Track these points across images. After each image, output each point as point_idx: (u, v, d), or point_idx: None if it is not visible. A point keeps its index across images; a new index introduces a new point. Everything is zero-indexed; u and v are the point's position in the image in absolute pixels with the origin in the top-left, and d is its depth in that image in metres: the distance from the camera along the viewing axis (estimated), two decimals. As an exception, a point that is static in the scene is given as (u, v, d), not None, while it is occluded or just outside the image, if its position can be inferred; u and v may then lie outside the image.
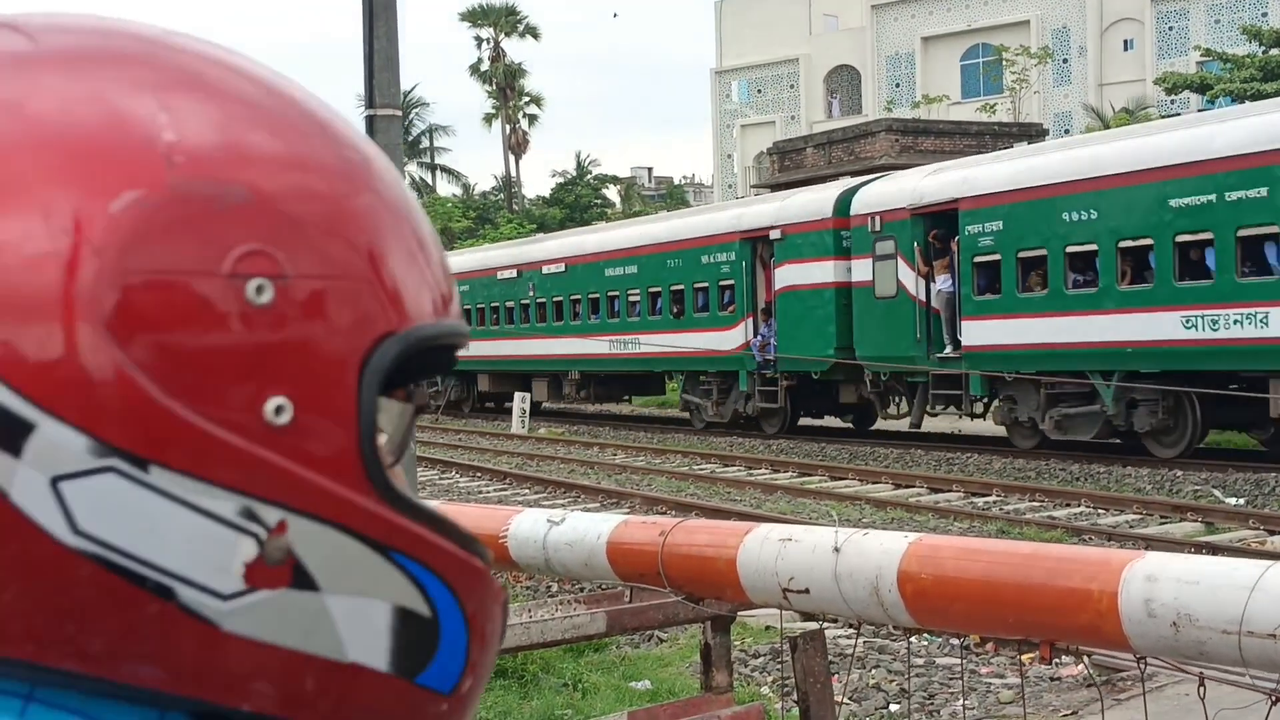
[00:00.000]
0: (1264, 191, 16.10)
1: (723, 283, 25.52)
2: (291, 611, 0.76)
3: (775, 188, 42.33)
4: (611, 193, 72.35)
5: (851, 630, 6.59)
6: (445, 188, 75.37)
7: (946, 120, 45.85)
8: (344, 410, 0.77)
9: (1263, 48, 41.33)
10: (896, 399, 22.63)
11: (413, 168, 74.49)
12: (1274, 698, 2.30)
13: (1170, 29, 60.00)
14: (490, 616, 0.85)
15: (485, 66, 68.56)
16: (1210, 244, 16.93)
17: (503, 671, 7.39)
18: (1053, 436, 19.53)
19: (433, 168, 76.18)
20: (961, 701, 7.28)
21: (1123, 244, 17.96)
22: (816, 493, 17.09)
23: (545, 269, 31.10)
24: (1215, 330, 16.70)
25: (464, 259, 35.25)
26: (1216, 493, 15.95)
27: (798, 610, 3.25)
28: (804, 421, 25.62)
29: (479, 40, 68.72)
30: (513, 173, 70.87)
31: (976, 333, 19.94)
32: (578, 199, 66.16)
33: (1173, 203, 17.18)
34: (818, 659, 4.03)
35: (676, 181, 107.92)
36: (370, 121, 7.06)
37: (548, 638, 4.90)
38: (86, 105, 0.75)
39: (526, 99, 69.42)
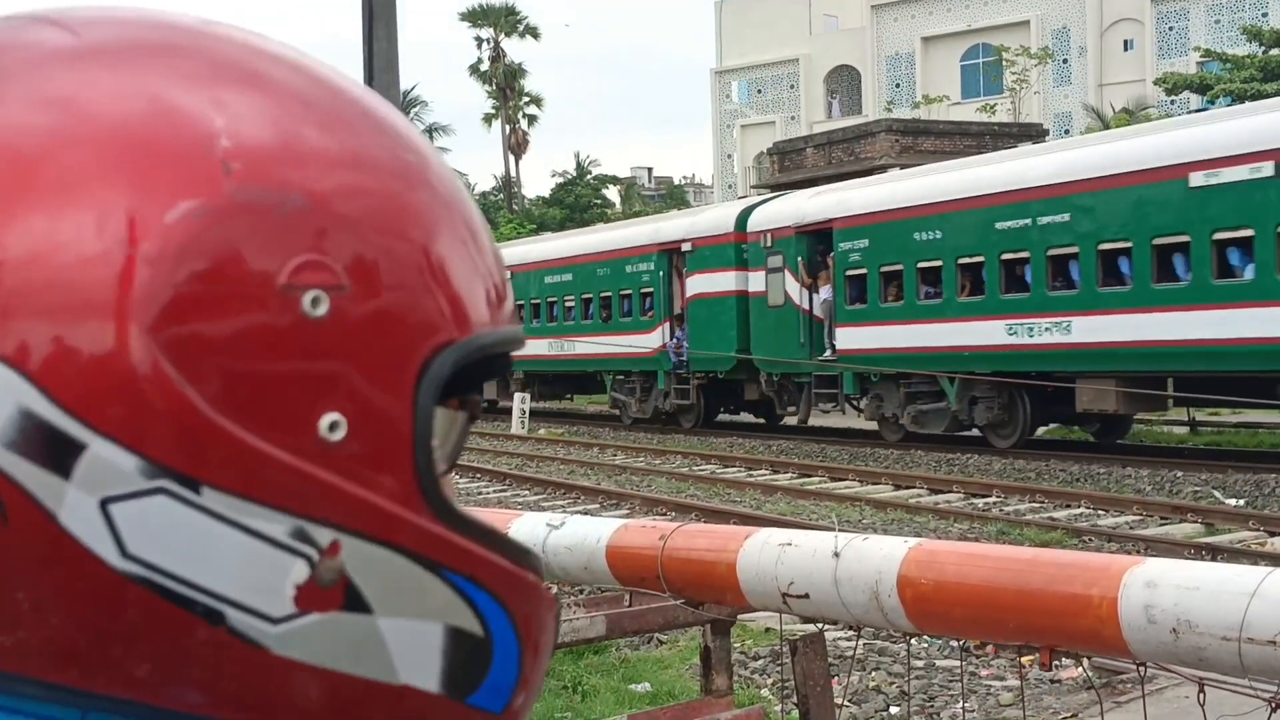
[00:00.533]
0: (1066, 217, 18.89)
1: (644, 290, 28.05)
2: (343, 634, 0.74)
3: (775, 188, 42.35)
4: (612, 193, 72.39)
5: (852, 633, 6.60)
6: (445, 188, 75.50)
7: (946, 121, 45.87)
8: (400, 425, 0.75)
9: (1263, 48, 41.35)
10: (788, 397, 24.93)
11: (413, 168, 74.46)
12: (1274, 704, 2.30)
13: (1170, 29, 60.02)
14: (544, 629, 0.83)
15: (485, 67, 68.60)
16: (1027, 262, 19.69)
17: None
18: (910, 430, 22.04)
19: (433, 168, 76.31)
20: (961, 704, 7.28)
21: (961, 261, 20.75)
22: (816, 494, 17.08)
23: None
24: (1032, 336, 19.52)
25: None
26: (1216, 493, 15.95)
27: (798, 615, 3.25)
28: (723, 417, 28.34)
29: (479, 40, 68.78)
30: (512, 173, 70.91)
31: (849, 338, 22.75)
32: (577, 199, 66.22)
33: (998, 225, 19.90)
34: (817, 662, 4.03)
35: (676, 182, 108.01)
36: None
37: (547, 641, 4.89)
38: (139, 102, 0.73)
39: (526, 99, 69.46)
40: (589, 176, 69.86)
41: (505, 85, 68.09)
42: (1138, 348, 18.10)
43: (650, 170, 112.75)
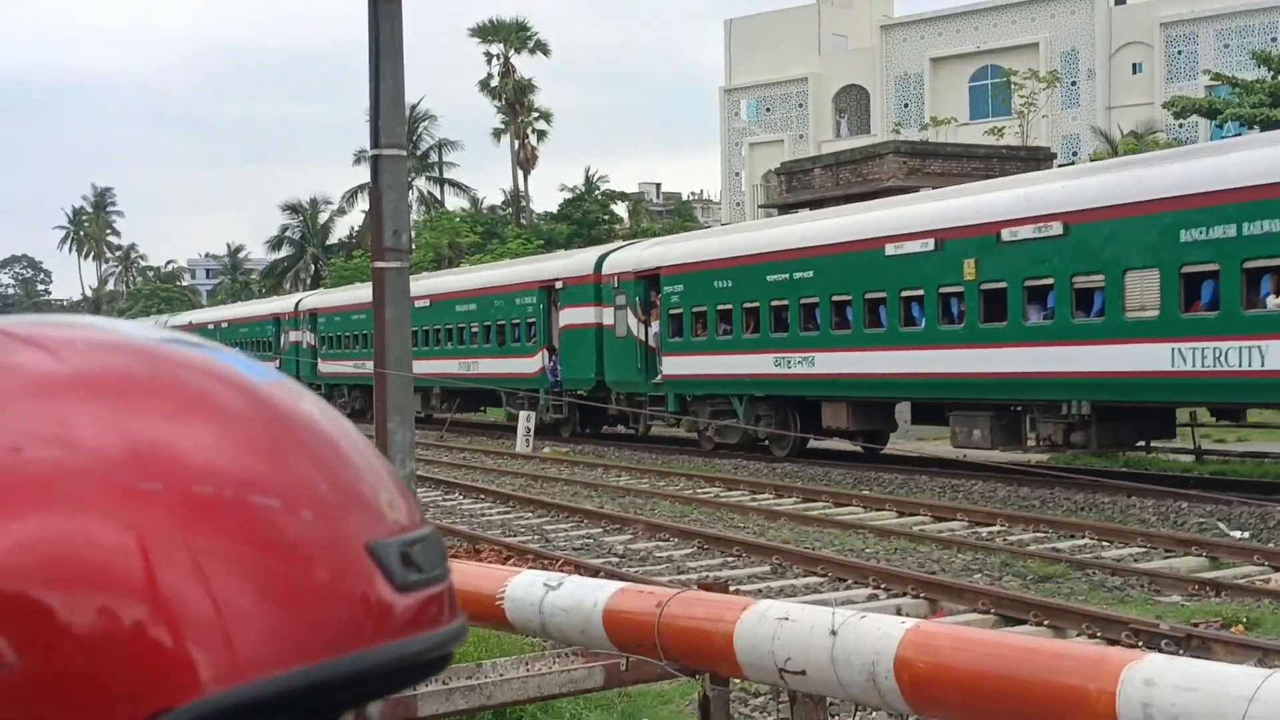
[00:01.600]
0: (811, 274, 23.68)
1: (529, 320, 32.74)
2: None
3: (783, 209, 42.36)
4: (620, 209, 72.41)
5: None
6: (453, 201, 75.55)
7: (954, 143, 45.85)
8: None
9: (1272, 73, 41.29)
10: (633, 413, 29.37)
11: (421, 182, 74.64)
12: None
13: (1179, 53, 60.01)
14: None
15: (495, 82, 68.69)
16: (787, 308, 24.30)
17: (501, 716, 7.35)
18: (716, 441, 26.56)
19: (441, 182, 76.32)
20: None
21: (745, 305, 25.23)
22: (820, 520, 17.04)
23: (417, 303, 34.40)
24: (790, 367, 24.11)
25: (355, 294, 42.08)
26: (1221, 525, 15.90)
27: (794, 689, 3.23)
28: (608, 429, 32.09)
29: (489, 56, 68.87)
30: (521, 188, 70.97)
31: (671, 365, 27.09)
32: (585, 215, 66.23)
33: (769, 278, 24.57)
34: (817, 712, 4.01)
35: (684, 198, 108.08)
36: (376, 161, 7.06)
37: (545, 691, 4.86)
38: None
39: (536, 115, 69.54)
40: (597, 192, 69.87)
41: (515, 101, 68.18)
42: (860, 378, 22.97)
43: (659, 186, 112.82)
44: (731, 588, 12.04)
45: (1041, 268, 19.56)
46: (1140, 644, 9.79)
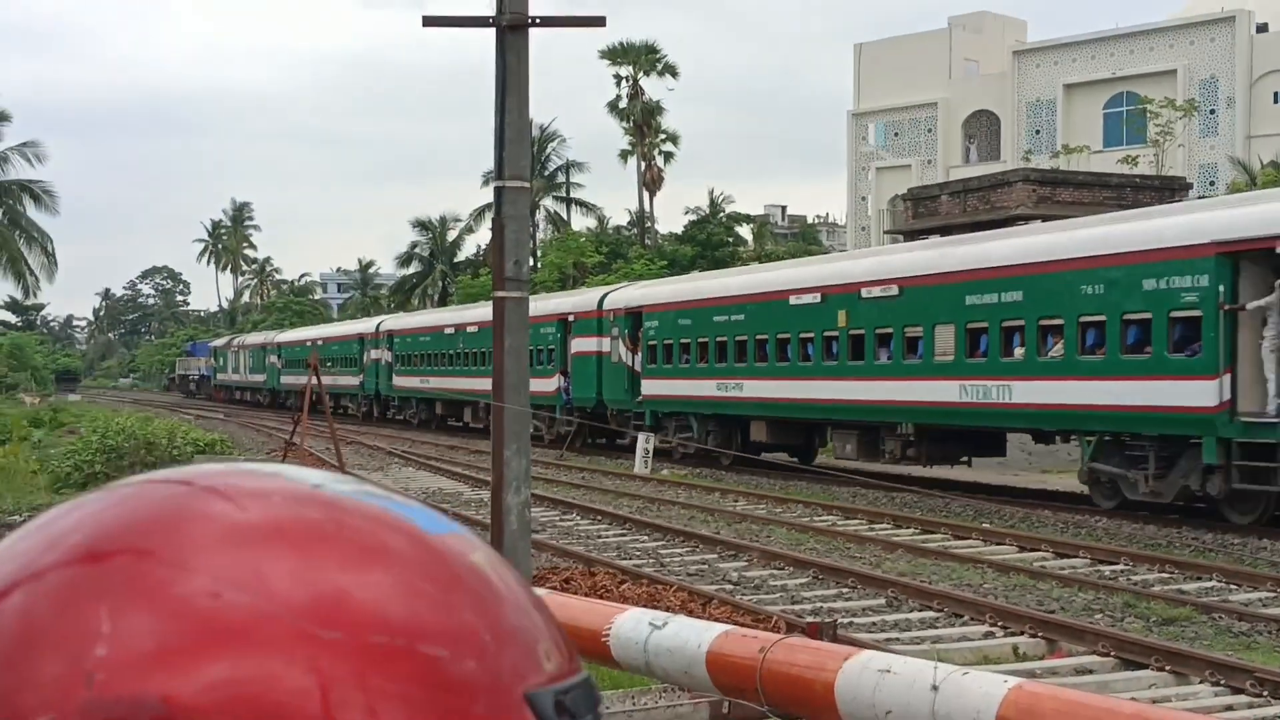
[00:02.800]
0: (742, 317, 29.62)
1: (549, 348, 37.65)
2: None
3: (909, 235, 42.01)
4: (744, 231, 72.31)
5: None
6: (579, 221, 76.11)
7: (1085, 171, 45.09)
8: None
9: None
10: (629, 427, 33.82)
11: (548, 201, 75.30)
12: None
13: (1324, 81, 58.39)
14: None
15: (623, 104, 69.08)
16: (725, 344, 29.95)
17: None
18: (687, 450, 31.74)
19: (568, 201, 76.94)
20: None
21: (699, 340, 30.97)
22: (937, 553, 16.85)
23: (451, 330, 47.19)
24: (727, 392, 29.85)
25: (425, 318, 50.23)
26: (1356, 572, 15.41)
27: (894, 742, 3.22)
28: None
29: (618, 78, 69.28)
30: (646, 209, 71.27)
31: (649, 387, 32.95)
32: (710, 236, 66.25)
33: (715, 319, 30.32)
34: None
35: (810, 221, 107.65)
36: (500, 193, 7.17)
37: (650, 727, 4.91)
38: None
39: (663, 137, 69.79)
40: (722, 215, 69.85)
41: (642, 123, 68.49)
42: (773, 402, 28.52)
43: (784, 209, 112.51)
44: (845, 620, 11.98)
45: (885, 319, 25.05)
46: (1265, 694, 9.54)
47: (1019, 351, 22.00)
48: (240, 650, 0.79)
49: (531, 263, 63.29)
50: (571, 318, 36.91)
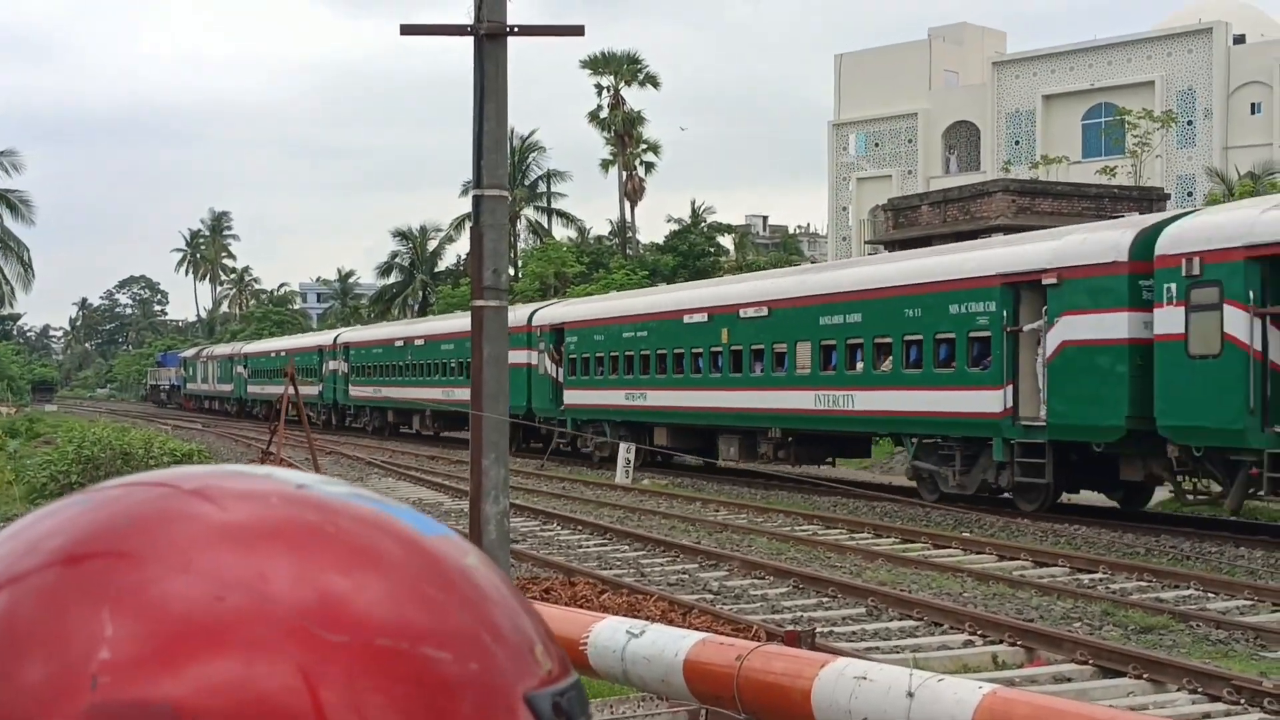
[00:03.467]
0: (645, 333, 32.61)
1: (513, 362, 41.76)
2: None
3: (889, 245, 42.12)
4: (726, 241, 72.40)
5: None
6: (560, 231, 76.08)
7: (1065, 182, 45.26)
8: None
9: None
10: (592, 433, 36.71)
11: (529, 211, 75.28)
12: None
13: (1301, 93, 58.75)
14: None
15: (604, 114, 69.13)
16: (632, 358, 33.02)
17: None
18: (599, 455, 34.34)
19: (549, 212, 76.93)
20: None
21: (612, 354, 33.73)
22: (917, 562, 16.88)
23: (400, 343, 50.00)
24: (634, 400, 32.68)
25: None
26: (1333, 581, 15.48)
27: (870, 749, 3.22)
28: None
29: (599, 88, 69.33)
30: (628, 219, 71.30)
31: (570, 397, 35.81)
32: (691, 247, 66.30)
33: (623, 334, 33.36)
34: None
35: (791, 231, 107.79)
36: (478, 201, 7.16)
37: (628, 735, 4.89)
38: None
39: (644, 147, 69.84)
40: (703, 224, 69.91)
41: (624, 132, 68.54)
42: (670, 410, 31.37)
43: (765, 219, 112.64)
44: (825, 629, 11.98)
45: (759, 337, 28.18)
46: (1242, 702, 9.58)
47: (859, 366, 25.55)
48: (242, 653, 0.79)
49: (512, 273, 63.23)
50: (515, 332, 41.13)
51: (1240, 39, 61.75)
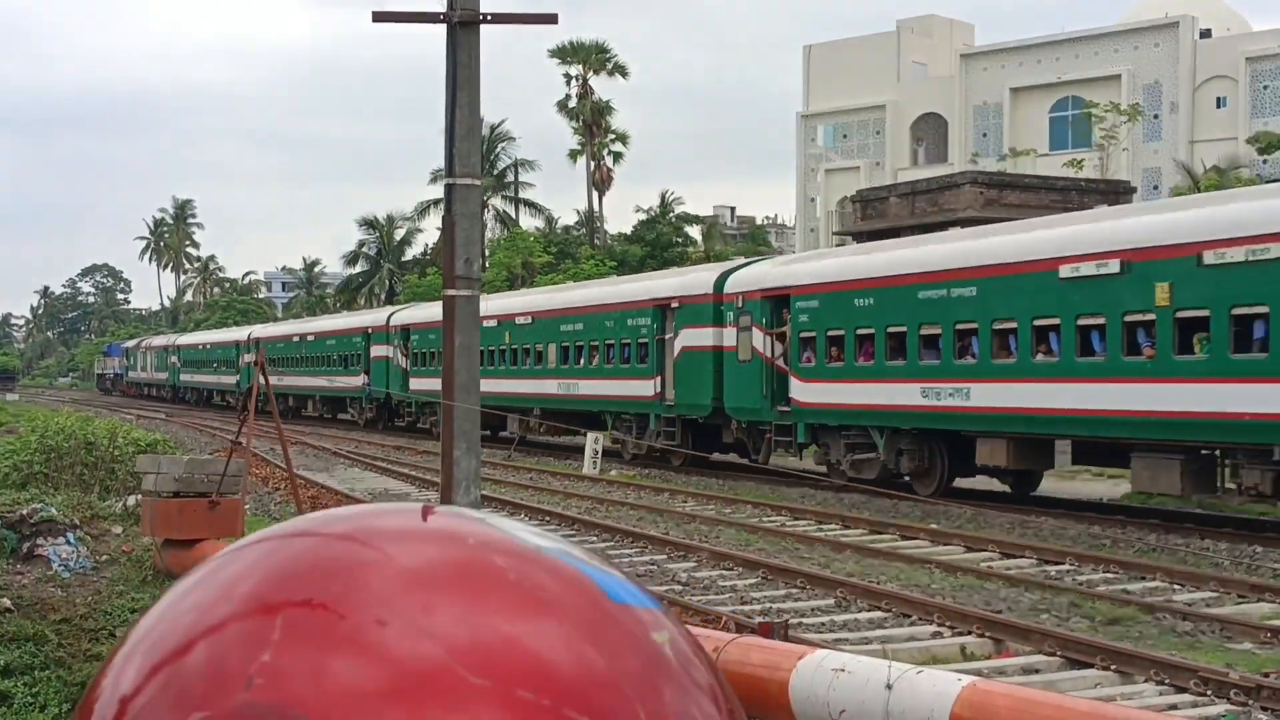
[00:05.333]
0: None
1: (358, 353, 49.81)
2: None
3: (858, 236, 42.20)
4: (694, 231, 72.41)
5: None
6: (528, 221, 75.93)
7: (1032, 175, 45.45)
8: None
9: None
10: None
11: (497, 201, 75.07)
12: None
13: (1265, 88, 59.18)
14: None
15: (573, 103, 69.00)
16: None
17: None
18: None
19: (516, 201, 76.73)
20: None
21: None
22: (886, 553, 16.91)
23: (297, 338, 57.74)
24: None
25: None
26: (1297, 571, 15.59)
27: (848, 742, 3.20)
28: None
29: (568, 77, 69.20)
30: (596, 209, 71.23)
31: (414, 384, 42.99)
32: (659, 236, 66.28)
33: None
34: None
35: (759, 222, 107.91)
36: (450, 190, 7.10)
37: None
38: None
39: (612, 136, 69.75)
40: (671, 215, 69.88)
41: (592, 122, 68.44)
42: (508, 395, 36.13)
43: (733, 210, 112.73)
44: (794, 620, 11.97)
45: (530, 338, 36.40)
46: (1209, 693, 9.63)
47: (583, 361, 33.68)
48: (387, 683, 0.78)
49: (481, 262, 62.97)
50: (370, 330, 48.55)
51: (1206, 33, 62.17)
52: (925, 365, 22.61)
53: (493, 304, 36.85)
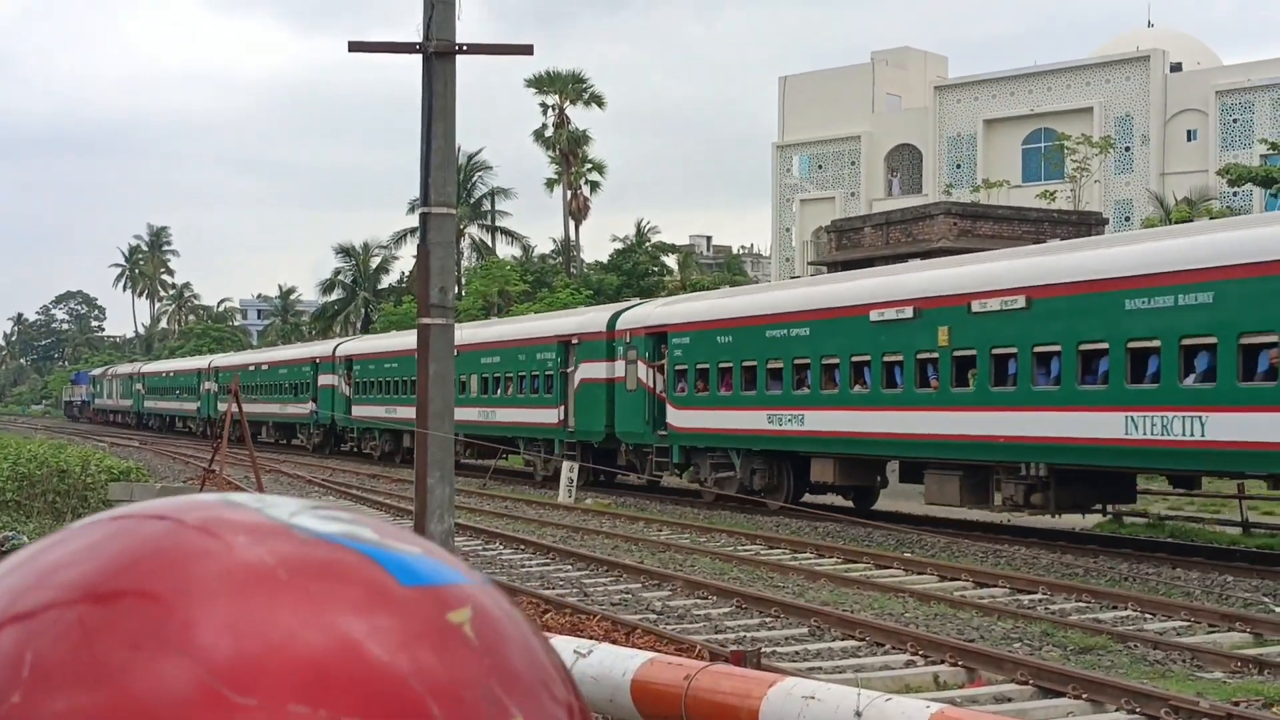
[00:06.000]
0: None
1: (307, 382, 53.03)
2: None
3: (833, 266, 42.38)
4: (670, 261, 72.53)
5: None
6: (504, 249, 75.95)
7: (1005, 206, 45.74)
8: None
9: (1328, 144, 40.98)
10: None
11: (473, 229, 75.09)
12: None
13: (1235, 121, 59.74)
14: None
15: (549, 133, 69.16)
16: (393, 383, 44.42)
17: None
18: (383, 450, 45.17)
19: (493, 230, 76.76)
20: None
21: (381, 379, 45.10)
22: (860, 582, 16.95)
23: (252, 367, 61.17)
24: (396, 413, 42.44)
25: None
26: (1267, 601, 15.69)
27: (818, 768, 3.23)
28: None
29: (544, 107, 69.37)
30: (572, 238, 71.31)
31: (357, 410, 46.75)
32: (635, 266, 66.38)
33: (386, 365, 45.09)
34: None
35: (735, 251, 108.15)
36: (425, 219, 7.13)
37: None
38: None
39: (589, 166, 69.91)
40: (648, 244, 70.00)
41: (568, 152, 68.60)
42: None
43: (709, 239, 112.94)
44: (768, 649, 11.99)
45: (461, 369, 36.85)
46: (1180, 722, 9.68)
47: (499, 392, 36.84)
48: (234, 700, 0.74)
49: (456, 290, 62.89)
50: (318, 360, 52.10)
51: (1177, 67, 62.77)
52: (770, 395, 25.99)
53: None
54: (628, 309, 32.14)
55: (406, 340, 42.91)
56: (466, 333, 35.45)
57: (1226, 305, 17.42)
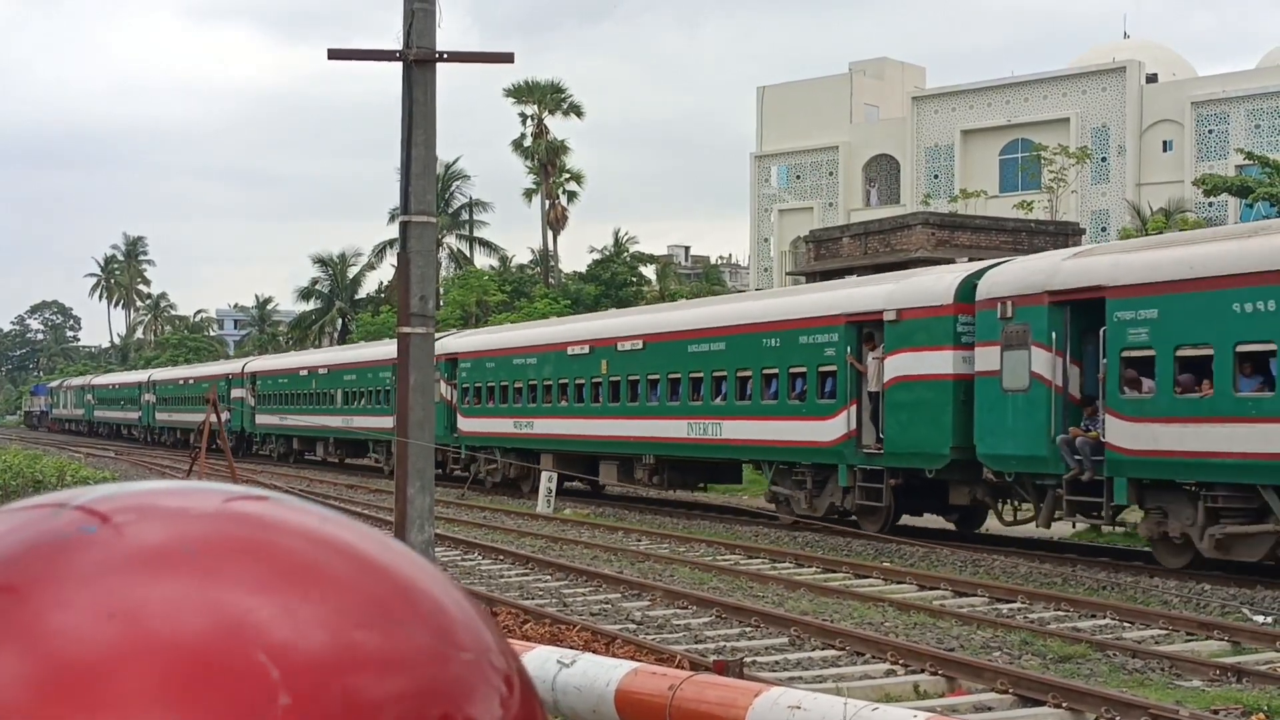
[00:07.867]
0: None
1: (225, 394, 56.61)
2: None
3: (811, 276, 42.44)
4: (648, 271, 72.56)
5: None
6: (482, 259, 75.85)
7: (983, 216, 45.89)
8: None
9: (1303, 155, 41.21)
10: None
11: (451, 240, 74.99)
12: None
13: (1210, 132, 60.08)
14: None
15: (528, 142, 69.14)
16: (299, 395, 51.80)
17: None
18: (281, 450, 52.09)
19: (471, 240, 76.68)
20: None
21: (286, 392, 51.76)
22: (839, 591, 16.94)
23: (181, 381, 67.33)
24: (293, 420, 50.44)
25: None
26: (1245, 610, 15.73)
27: (804, 778, 3.21)
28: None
29: (523, 116, 69.35)
30: (550, 248, 71.27)
31: (260, 420, 54.17)
32: (614, 276, 66.37)
33: (279, 380, 53.95)
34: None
35: (713, 261, 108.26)
36: (405, 228, 7.11)
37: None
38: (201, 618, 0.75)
39: (567, 176, 69.90)
40: (626, 254, 70.00)
41: (547, 162, 68.58)
42: (308, 428, 45.60)
43: (687, 249, 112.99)
44: (748, 659, 11.98)
45: (326, 385, 47.68)
46: (1160, 730, 9.69)
47: (334, 402, 45.36)
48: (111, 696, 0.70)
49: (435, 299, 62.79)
50: (230, 376, 58.05)
51: (1153, 78, 63.11)
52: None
53: (307, 358, 49.52)
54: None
55: (304, 359, 53.51)
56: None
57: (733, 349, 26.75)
